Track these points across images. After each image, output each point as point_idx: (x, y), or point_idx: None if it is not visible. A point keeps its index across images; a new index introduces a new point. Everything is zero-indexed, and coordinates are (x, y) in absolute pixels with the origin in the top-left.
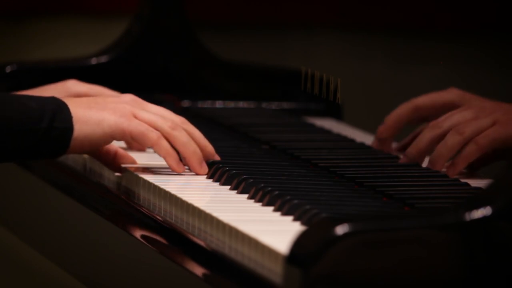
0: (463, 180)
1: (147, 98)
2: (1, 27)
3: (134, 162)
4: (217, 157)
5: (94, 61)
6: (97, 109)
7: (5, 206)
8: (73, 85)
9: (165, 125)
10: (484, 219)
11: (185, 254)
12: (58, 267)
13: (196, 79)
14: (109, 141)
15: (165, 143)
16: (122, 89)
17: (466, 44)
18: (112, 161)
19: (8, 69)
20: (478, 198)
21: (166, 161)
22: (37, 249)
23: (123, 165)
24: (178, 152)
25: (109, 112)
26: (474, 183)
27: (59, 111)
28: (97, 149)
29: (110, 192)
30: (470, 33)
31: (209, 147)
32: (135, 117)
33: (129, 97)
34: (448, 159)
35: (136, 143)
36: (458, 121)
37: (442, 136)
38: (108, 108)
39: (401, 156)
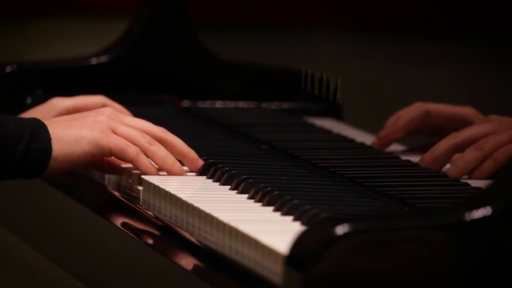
0: (463, 180)
1: (147, 98)
2: (1, 27)
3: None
4: (200, 162)
5: (94, 61)
6: (75, 127)
7: (5, 206)
8: (58, 102)
9: (143, 141)
10: (484, 219)
11: (185, 254)
12: (58, 267)
13: (196, 79)
14: (90, 159)
15: (143, 159)
16: (122, 89)
17: (466, 44)
18: (100, 165)
19: (8, 69)
20: (478, 198)
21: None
22: (37, 249)
23: (122, 165)
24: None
25: (87, 129)
26: (474, 183)
27: (37, 133)
28: (79, 167)
29: (109, 192)
30: (470, 33)
31: (192, 154)
32: (114, 132)
33: (107, 111)
34: (465, 174)
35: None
36: (477, 134)
37: (458, 146)
38: (86, 124)
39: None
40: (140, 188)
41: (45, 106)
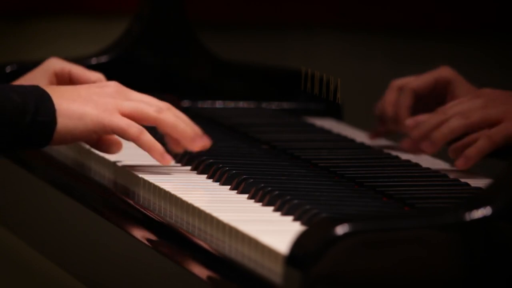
0: (463, 180)
1: None
2: (1, 27)
3: (121, 145)
4: (206, 139)
5: (94, 61)
6: (80, 102)
7: (5, 206)
8: (56, 62)
9: (150, 110)
10: (484, 219)
11: (185, 254)
12: (58, 267)
13: (196, 79)
14: (92, 136)
15: (146, 137)
16: None
17: (466, 44)
18: (97, 143)
19: (8, 69)
20: (478, 198)
21: (150, 154)
22: (37, 249)
23: (123, 164)
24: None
25: (92, 106)
26: (474, 183)
27: (42, 104)
28: (79, 141)
29: (110, 192)
30: (470, 33)
31: (196, 129)
32: (120, 108)
33: (112, 88)
34: (447, 140)
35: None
36: (466, 109)
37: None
38: (91, 101)
39: (404, 141)
40: (140, 187)
41: (42, 67)
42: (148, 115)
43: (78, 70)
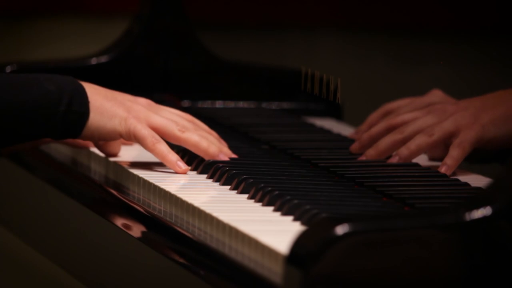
0: (463, 180)
1: (147, 98)
2: (1, 27)
3: (120, 147)
4: (229, 155)
5: (94, 61)
6: (114, 103)
7: (5, 206)
8: None
9: (175, 129)
10: (484, 219)
11: (185, 254)
12: (58, 267)
13: (196, 79)
14: (117, 138)
15: (160, 149)
16: (123, 89)
17: (466, 44)
18: (103, 144)
19: (8, 69)
20: (478, 198)
21: (165, 163)
22: (37, 249)
23: (123, 164)
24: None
25: (124, 109)
26: (474, 183)
27: (77, 95)
28: (103, 140)
29: (110, 192)
30: (470, 33)
31: (220, 144)
32: (148, 121)
33: (144, 101)
34: (415, 157)
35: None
36: (422, 127)
37: (404, 141)
38: (124, 105)
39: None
40: (140, 188)
41: None
42: (172, 133)
43: None
